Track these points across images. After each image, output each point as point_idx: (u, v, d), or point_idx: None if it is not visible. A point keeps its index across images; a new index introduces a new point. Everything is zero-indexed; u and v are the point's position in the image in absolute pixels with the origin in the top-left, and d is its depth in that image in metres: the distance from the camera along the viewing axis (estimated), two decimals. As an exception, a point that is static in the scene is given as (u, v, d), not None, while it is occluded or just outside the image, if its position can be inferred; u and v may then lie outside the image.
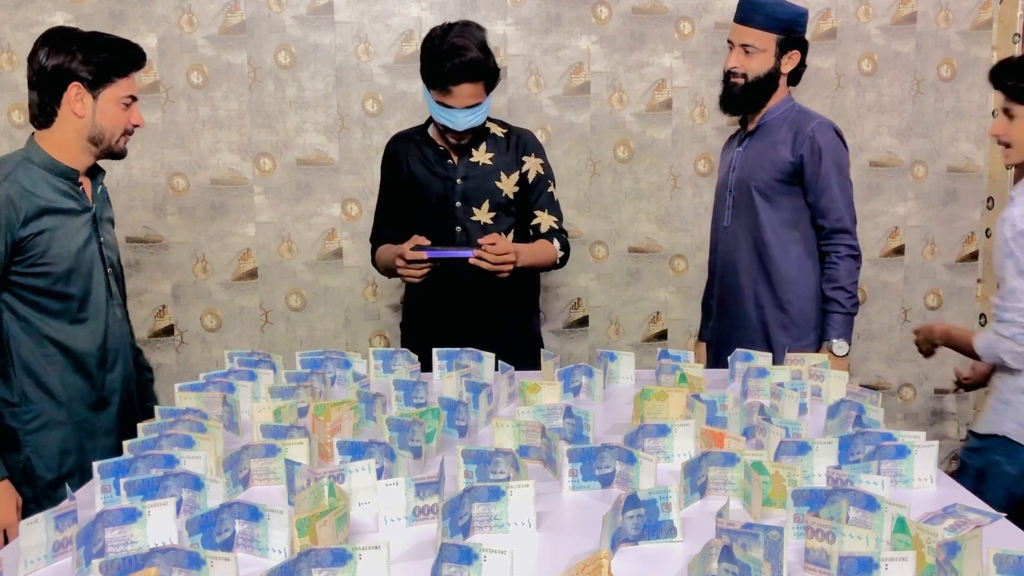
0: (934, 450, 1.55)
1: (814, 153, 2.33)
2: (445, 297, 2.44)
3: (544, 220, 2.47)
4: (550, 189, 2.50)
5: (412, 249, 2.25)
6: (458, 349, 2.18)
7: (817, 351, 2.38)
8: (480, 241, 2.24)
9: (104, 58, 1.93)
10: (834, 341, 2.36)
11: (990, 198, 3.31)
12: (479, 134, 2.45)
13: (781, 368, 2.02)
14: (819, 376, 2.01)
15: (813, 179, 2.35)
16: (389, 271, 2.44)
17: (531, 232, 2.48)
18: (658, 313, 3.29)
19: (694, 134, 3.20)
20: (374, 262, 2.59)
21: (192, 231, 3.11)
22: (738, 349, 2.19)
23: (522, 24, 3.10)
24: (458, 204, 2.44)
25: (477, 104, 2.31)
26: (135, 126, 2.01)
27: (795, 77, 2.45)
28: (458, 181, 2.44)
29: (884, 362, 3.39)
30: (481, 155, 2.45)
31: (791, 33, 2.38)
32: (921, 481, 1.54)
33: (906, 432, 1.60)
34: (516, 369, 2.06)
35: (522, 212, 2.48)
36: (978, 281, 3.37)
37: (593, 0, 3.12)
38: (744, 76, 2.39)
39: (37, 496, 1.94)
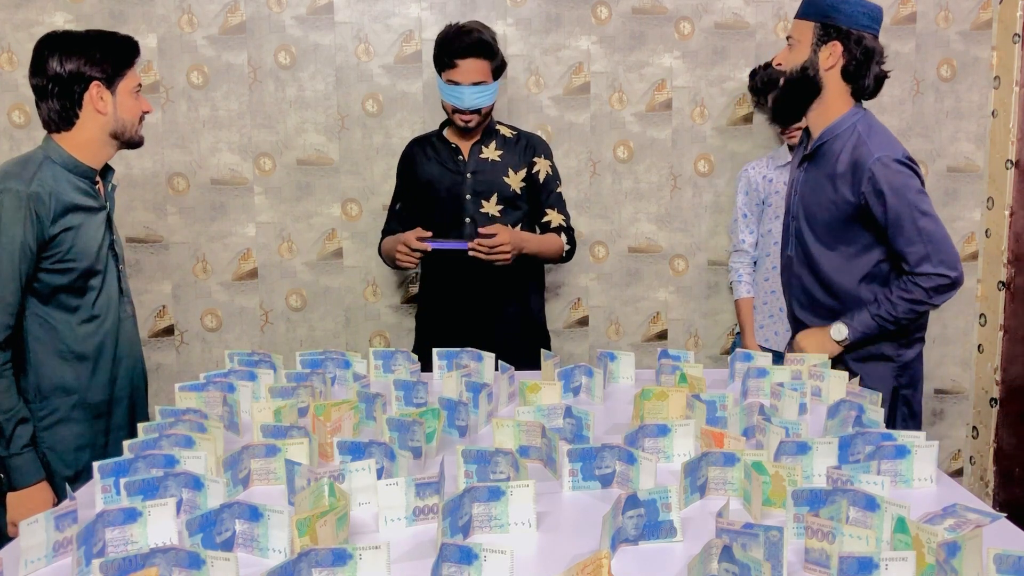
0: (934, 450, 1.55)
1: (878, 196, 2.03)
2: (455, 287, 2.64)
3: (554, 218, 2.67)
4: (559, 189, 2.70)
5: (417, 239, 2.45)
6: (458, 349, 2.19)
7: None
8: (481, 231, 2.42)
9: (116, 53, 1.97)
10: (842, 324, 2.12)
11: (990, 198, 3.31)
12: (488, 132, 2.64)
13: (781, 368, 2.02)
14: (819, 376, 2.01)
15: (883, 222, 2.06)
16: (390, 258, 2.63)
17: (541, 229, 2.68)
18: (658, 313, 3.29)
19: (694, 134, 3.20)
20: (380, 251, 2.78)
21: (192, 231, 3.11)
22: (738, 349, 2.19)
23: (522, 24, 3.10)
24: (468, 197, 2.61)
25: (483, 83, 2.49)
26: (145, 112, 2.06)
27: (859, 86, 2.09)
28: (468, 175, 2.62)
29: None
30: (491, 152, 2.63)
31: (829, 20, 2.05)
32: (921, 481, 1.55)
33: (906, 432, 1.60)
34: (520, 356, 2.19)
35: (532, 208, 2.67)
36: (978, 281, 3.37)
37: (593, 0, 3.12)
38: (783, 73, 2.14)
39: (56, 493, 1.96)
